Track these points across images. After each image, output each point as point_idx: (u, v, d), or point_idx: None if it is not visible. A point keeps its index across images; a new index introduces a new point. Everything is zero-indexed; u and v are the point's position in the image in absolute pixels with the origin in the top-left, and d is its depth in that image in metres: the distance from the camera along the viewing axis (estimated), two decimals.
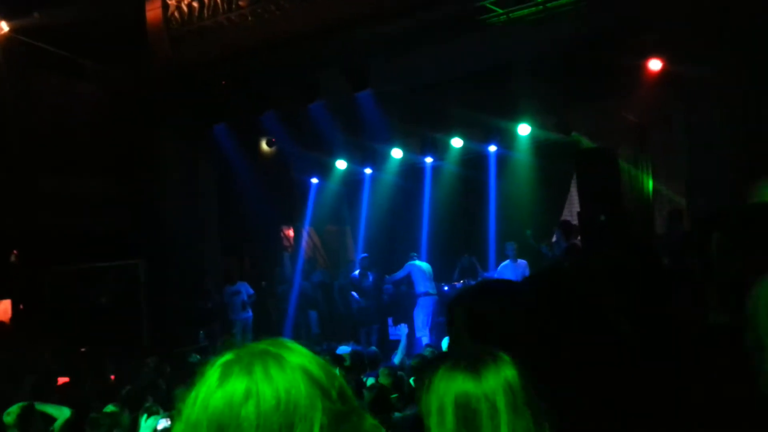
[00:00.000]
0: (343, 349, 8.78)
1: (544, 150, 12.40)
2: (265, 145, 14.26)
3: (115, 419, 5.25)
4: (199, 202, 12.67)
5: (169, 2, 11.47)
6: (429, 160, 13.82)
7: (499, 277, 10.55)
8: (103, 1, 10.78)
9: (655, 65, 9.76)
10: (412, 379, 6.31)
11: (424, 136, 12.96)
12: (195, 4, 11.26)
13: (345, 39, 10.38)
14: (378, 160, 14.00)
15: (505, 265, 11.21)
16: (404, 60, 10.91)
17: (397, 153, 13.54)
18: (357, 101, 11.68)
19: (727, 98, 8.80)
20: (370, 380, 6.46)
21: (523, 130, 12.00)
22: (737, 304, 1.65)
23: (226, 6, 10.96)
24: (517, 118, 11.77)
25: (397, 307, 12.43)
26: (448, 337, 1.95)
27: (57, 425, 5.22)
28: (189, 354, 9.29)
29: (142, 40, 11.55)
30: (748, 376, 1.47)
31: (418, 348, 10.22)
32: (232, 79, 11.91)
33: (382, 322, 12.46)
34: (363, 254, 13.05)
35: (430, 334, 11.28)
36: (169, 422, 5.02)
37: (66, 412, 5.32)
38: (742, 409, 1.47)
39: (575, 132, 11.48)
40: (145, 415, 5.23)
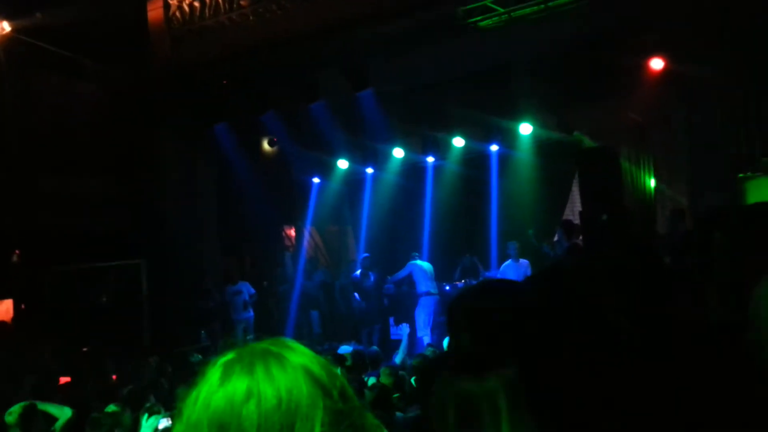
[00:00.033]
0: (345, 349, 8.78)
1: (546, 149, 12.39)
2: (266, 145, 14.25)
3: (117, 419, 5.25)
4: (199, 202, 12.67)
5: (171, 2, 11.49)
6: (430, 160, 13.81)
7: (502, 277, 10.55)
8: (104, 1, 10.77)
9: (656, 65, 9.76)
10: (414, 378, 6.31)
11: (426, 136, 12.95)
12: (196, 4, 11.26)
13: (346, 39, 10.38)
14: (379, 159, 13.99)
15: (507, 265, 11.19)
16: (405, 60, 10.91)
17: (399, 152, 13.52)
18: (358, 101, 11.66)
19: (727, 98, 8.81)
20: (372, 380, 6.45)
21: (525, 129, 11.99)
22: (738, 304, 1.65)
23: (227, 5, 10.97)
24: (519, 118, 11.75)
25: (399, 307, 12.42)
26: (449, 337, 1.95)
27: (58, 425, 5.23)
28: (190, 354, 9.29)
29: (142, 40, 11.55)
30: (750, 377, 1.47)
31: (420, 348, 10.21)
32: (233, 79, 11.91)
33: (383, 322, 12.46)
34: (364, 254, 13.03)
35: (432, 334, 11.27)
36: (170, 422, 5.02)
37: (67, 412, 5.32)
38: (744, 410, 1.46)
39: (577, 131, 11.47)
40: (146, 415, 5.23)
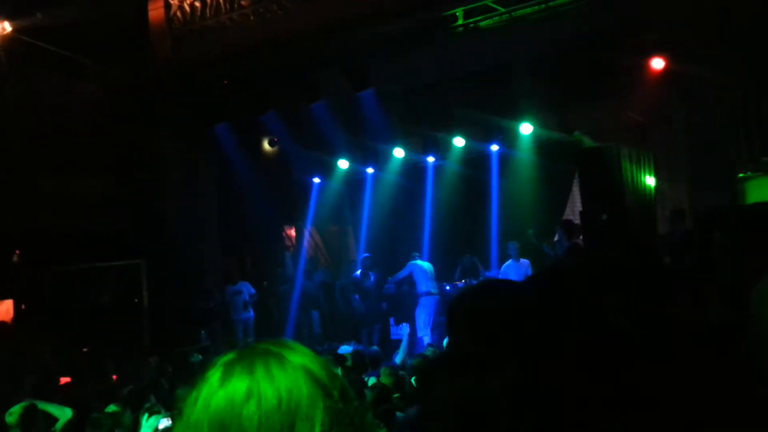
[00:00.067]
0: (345, 349, 8.77)
1: (546, 149, 12.39)
2: (267, 145, 14.25)
3: (117, 419, 5.25)
4: (199, 202, 12.66)
5: (172, 2, 11.49)
6: (431, 160, 13.80)
7: (503, 277, 10.54)
8: (104, 1, 10.77)
9: (656, 65, 9.76)
10: (414, 378, 6.31)
11: (426, 136, 12.95)
12: (197, 4, 11.26)
13: (346, 39, 10.39)
14: (380, 159, 13.99)
15: (508, 265, 11.18)
16: (405, 59, 10.91)
17: (399, 152, 13.52)
18: (358, 101, 11.66)
19: (727, 98, 8.81)
20: (372, 380, 6.45)
21: (525, 129, 11.99)
22: (738, 304, 1.65)
23: (228, 5, 10.97)
24: (519, 118, 11.75)
25: (399, 307, 12.41)
26: (449, 337, 1.95)
27: (59, 425, 5.22)
28: (190, 354, 9.29)
29: (142, 40, 11.55)
30: (750, 377, 1.47)
31: (420, 348, 10.21)
32: (234, 79, 11.92)
33: (383, 322, 12.46)
34: (365, 254, 13.02)
35: (432, 334, 11.27)
36: (170, 421, 5.02)
37: (68, 412, 5.31)
38: (744, 410, 1.46)
39: (577, 131, 11.47)
40: (146, 415, 5.23)
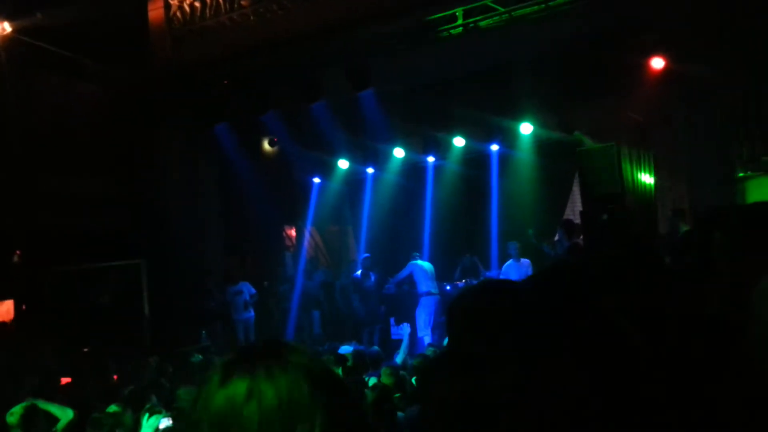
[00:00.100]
0: (346, 349, 8.76)
1: (546, 149, 12.40)
2: (267, 145, 14.24)
3: (118, 419, 5.25)
4: (199, 202, 12.65)
5: (172, 2, 11.49)
6: (431, 160, 13.81)
7: (504, 277, 10.56)
8: (104, 1, 10.76)
9: (656, 64, 9.76)
10: (415, 378, 6.31)
11: (426, 136, 12.95)
12: (197, 4, 11.26)
13: (347, 39, 10.39)
14: (380, 159, 13.99)
15: (509, 265, 11.20)
16: (405, 59, 10.91)
17: (399, 152, 13.52)
18: (359, 101, 11.67)
19: (727, 98, 8.81)
20: (373, 380, 6.44)
21: (526, 129, 11.99)
22: (738, 303, 1.65)
23: (228, 5, 10.97)
24: (519, 118, 11.76)
25: (399, 307, 12.41)
26: (448, 338, 1.95)
27: (60, 426, 5.22)
28: (191, 354, 9.30)
29: (142, 40, 11.54)
30: (750, 376, 1.47)
31: (421, 348, 10.20)
32: (234, 79, 11.92)
33: (384, 322, 12.46)
34: (365, 254, 13.03)
35: (432, 334, 11.27)
36: (171, 421, 5.03)
37: (69, 413, 5.30)
38: (744, 409, 1.47)
39: (577, 131, 11.47)
40: (147, 415, 5.23)
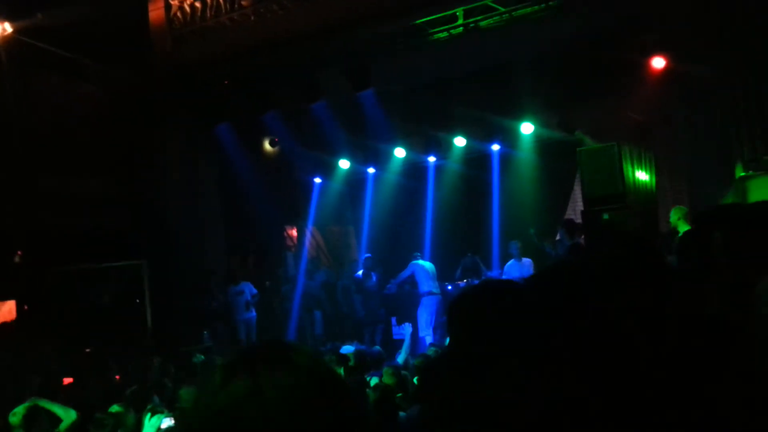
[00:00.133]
0: (347, 349, 8.75)
1: (547, 148, 12.40)
2: (268, 145, 14.24)
3: (120, 419, 5.25)
4: (200, 203, 12.65)
5: (172, 2, 11.50)
6: (432, 160, 13.81)
7: (506, 276, 10.58)
8: (104, 1, 10.77)
9: (657, 64, 9.77)
10: (416, 378, 6.31)
11: (427, 136, 12.94)
12: (197, 4, 11.27)
13: (346, 39, 10.40)
14: (381, 159, 13.99)
15: (510, 264, 11.20)
16: (406, 59, 10.92)
17: (400, 152, 13.52)
18: (359, 101, 11.67)
19: (727, 98, 8.81)
20: (374, 380, 6.45)
21: (526, 128, 11.99)
22: (738, 303, 1.66)
23: (228, 6, 10.98)
24: (520, 117, 11.77)
25: (401, 307, 12.41)
26: (449, 338, 1.95)
27: (63, 426, 5.22)
28: (193, 354, 9.30)
29: (143, 41, 11.54)
30: (750, 376, 1.47)
31: (422, 347, 10.21)
32: (234, 79, 11.92)
33: (385, 322, 12.46)
34: (366, 254, 13.02)
35: (434, 334, 11.26)
36: (173, 421, 5.03)
37: (72, 414, 5.30)
38: (744, 409, 1.47)
39: (578, 131, 11.47)
40: (149, 415, 5.24)
